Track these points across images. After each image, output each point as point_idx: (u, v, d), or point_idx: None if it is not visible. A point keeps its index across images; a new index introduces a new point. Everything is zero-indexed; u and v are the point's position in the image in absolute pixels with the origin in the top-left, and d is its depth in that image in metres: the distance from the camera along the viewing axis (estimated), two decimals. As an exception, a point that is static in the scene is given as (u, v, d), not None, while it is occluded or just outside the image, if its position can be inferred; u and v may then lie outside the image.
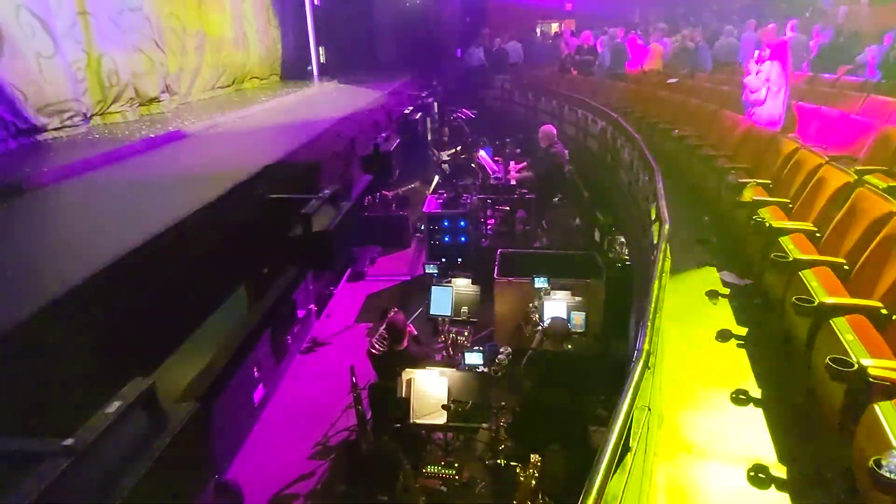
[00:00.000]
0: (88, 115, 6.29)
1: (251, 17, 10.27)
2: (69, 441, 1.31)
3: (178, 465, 1.48)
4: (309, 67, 12.83)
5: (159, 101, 7.50)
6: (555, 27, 16.75)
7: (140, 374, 1.80)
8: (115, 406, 1.44)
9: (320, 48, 13.12)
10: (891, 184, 3.95)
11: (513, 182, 7.84)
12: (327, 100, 9.70)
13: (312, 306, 6.96)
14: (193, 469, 1.57)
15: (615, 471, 1.80)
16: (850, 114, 5.53)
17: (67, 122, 5.93)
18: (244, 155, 5.02)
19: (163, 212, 3.28)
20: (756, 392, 3.08)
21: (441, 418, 4.03)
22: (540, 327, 4.87)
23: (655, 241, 3.73)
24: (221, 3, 9.14)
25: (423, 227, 7.63)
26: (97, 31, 6.24)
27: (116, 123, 6.66)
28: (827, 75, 8.28)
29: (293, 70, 12.05)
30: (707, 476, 2.57)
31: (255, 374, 5.38)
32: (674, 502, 2.43)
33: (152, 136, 5.82)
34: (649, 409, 2.16)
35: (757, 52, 6.27)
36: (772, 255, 3.32)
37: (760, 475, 2.56)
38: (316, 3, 12.58)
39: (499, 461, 4.16)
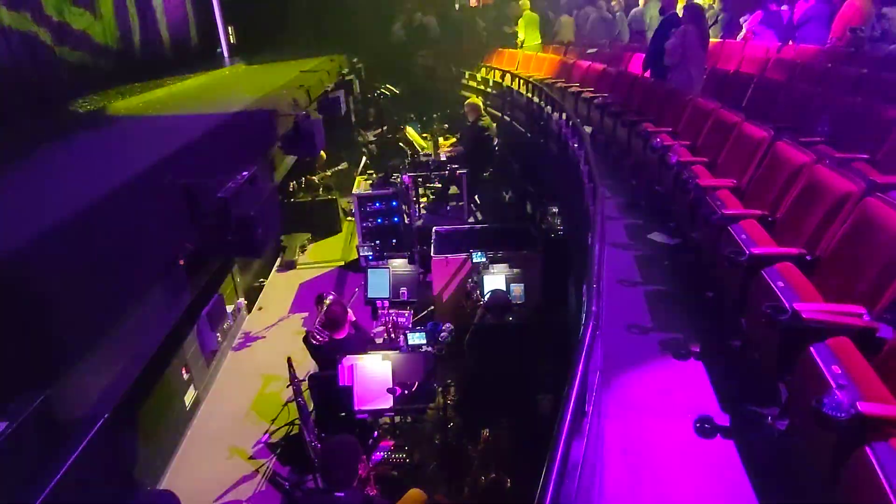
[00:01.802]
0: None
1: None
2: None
3: (85, 487, 1.26)
4: (218, 49, 12.03)
5: (47, 87, 6.74)
6: (473, 1, 16.59)
7: (37, 386, 1.55)
8: (-3, 429, 1.20)
9: (229, 28, 12.32)
10: (802, 139, 4.16)
11: (443, 158, 7.72)
12: (240, 80, 9.14)
13: (242, 300, 6.59)
14: (105, 488, 1.35)
15: (574, 437, 1.74)
16: (758, 74, 5.79)
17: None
18: (150, 140, 4.59)
19: (58, 204, 2.91)
20: (696, 346, 3.16)
21: (387, 403, 3.91)
22: (481, 302, 4.82)
23: (590, 206, 3.74)
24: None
25: (353, 210, 7.38)
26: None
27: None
28: (731, 40, 8.68)
29: (200, 52, 11.25)
30: (656, 432, 2.60)
31: (185, 375, 5.02)
32: (627, 461, 2.44)
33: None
34: (599, 372, 2.12)
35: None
36: (701, 212, 3.40)
37: (706, 426, 2.63)
38: (220, -23, 11.76)
39: (449, 440, 4.11)
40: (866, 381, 1.91)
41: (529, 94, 8.09)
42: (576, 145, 4.97)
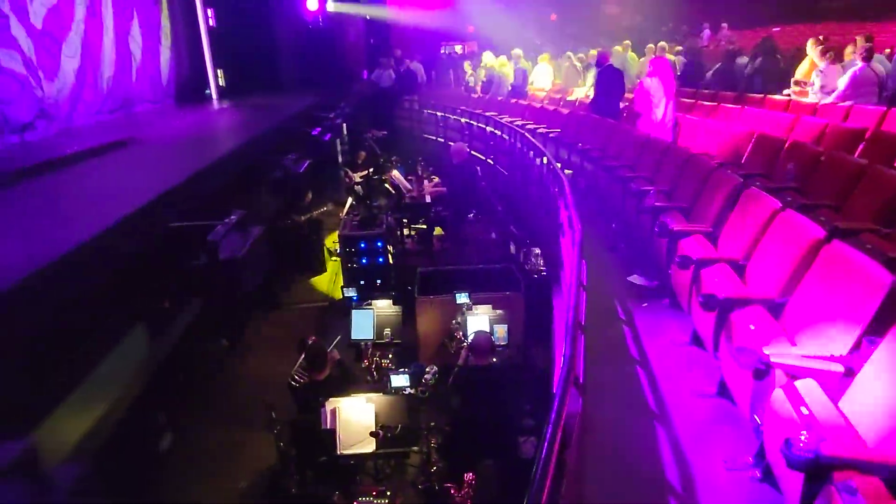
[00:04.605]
0: (-52, 145, 5.59)
1: (138, 37, 9.67)
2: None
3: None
4: (207, 91, 12.27)
5: (34, 128, 6.83)
6: (458, 49, 17.20)
7: (18, 433, 1.56)
8: (-17, 476, 1.21)
9: (218, 71, 12.60)
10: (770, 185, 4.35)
11: (428, 200, 7.86)
12: (229, 123, 9.29)
13: (224, 341, 6.52)
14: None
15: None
16: (729, 123, 6.07)
17: (-79, 154, 5.23)
18: (138, 182, 4.64)
19: (44, 247, 2.93)
20: (676, 388, 3.22)
21: (370, 446, 3.88)
22: (465, 343, 4.84)
23: (569, 250, 3.85)
24: (103, 19, 8.53)
25: (338, 251, 7.42)
26: (-45, 52, 5.58)
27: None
28: (707, 90, 9.11)
29: (189, 93, 11.46)
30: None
31: (161, 419, 4.92)
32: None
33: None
34: (580, 414, 2.17)
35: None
36: (677, 258, 3.52)
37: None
38: (211, 24, 12.08)
39: (432, 484, 4.06)
40: (833, 422, 1.98)
41: (512, 139, 8.34)
42: (556, 190, 5.12)
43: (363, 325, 5.27)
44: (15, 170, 4.94)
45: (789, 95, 7.17)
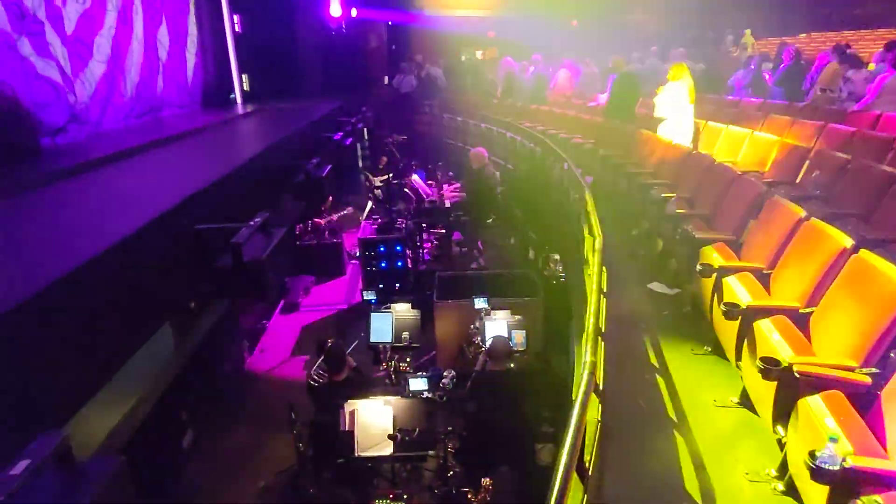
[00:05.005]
0: (-15, 148, 5.77)
1: (166, 43, 9.89)
2: (-36, 512, 1.13)
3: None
4: (232, 95, 12.49)
5: (66, 132, 7.02)
6: (478, 54, 17.22)
7: (51, 426, 1.61)
8: (21, 466, 1.26)
9: (244, 76, 12.82)
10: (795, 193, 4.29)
11: (447, 204, 7.89)
12: (254, 127, 9.44)
13: (245, 342, 6.62)
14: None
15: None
16: (753, 131, 6.00)
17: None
18: (166, 185, 4.75)
19: (76, 248, 3.02)
20: (696, 398, 3.18)
21: (387, 449, 3.91)
22: (483, 348, 4.85)
23: (588, 256, 3.83)
24: (133, 24, 8.75)
25: (358, 254, 7.49)
26: (-7, 58, 5.78)
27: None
28: (729, 97, 9.01)
29: (215, 98, 11.67)
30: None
31: (183, 417, 5.01)
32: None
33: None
34: (600, 421, 2.16)
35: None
36: (698, 266, 3.48)
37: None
38: (237, 30, 12.31)
39: (449, 488, 4.06)
40: (858, 435, 1.95)
41: (531, 144, 8.34)
42: (576, 196, 5.11)
43: (382, 328, 5.30)
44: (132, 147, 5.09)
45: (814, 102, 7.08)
